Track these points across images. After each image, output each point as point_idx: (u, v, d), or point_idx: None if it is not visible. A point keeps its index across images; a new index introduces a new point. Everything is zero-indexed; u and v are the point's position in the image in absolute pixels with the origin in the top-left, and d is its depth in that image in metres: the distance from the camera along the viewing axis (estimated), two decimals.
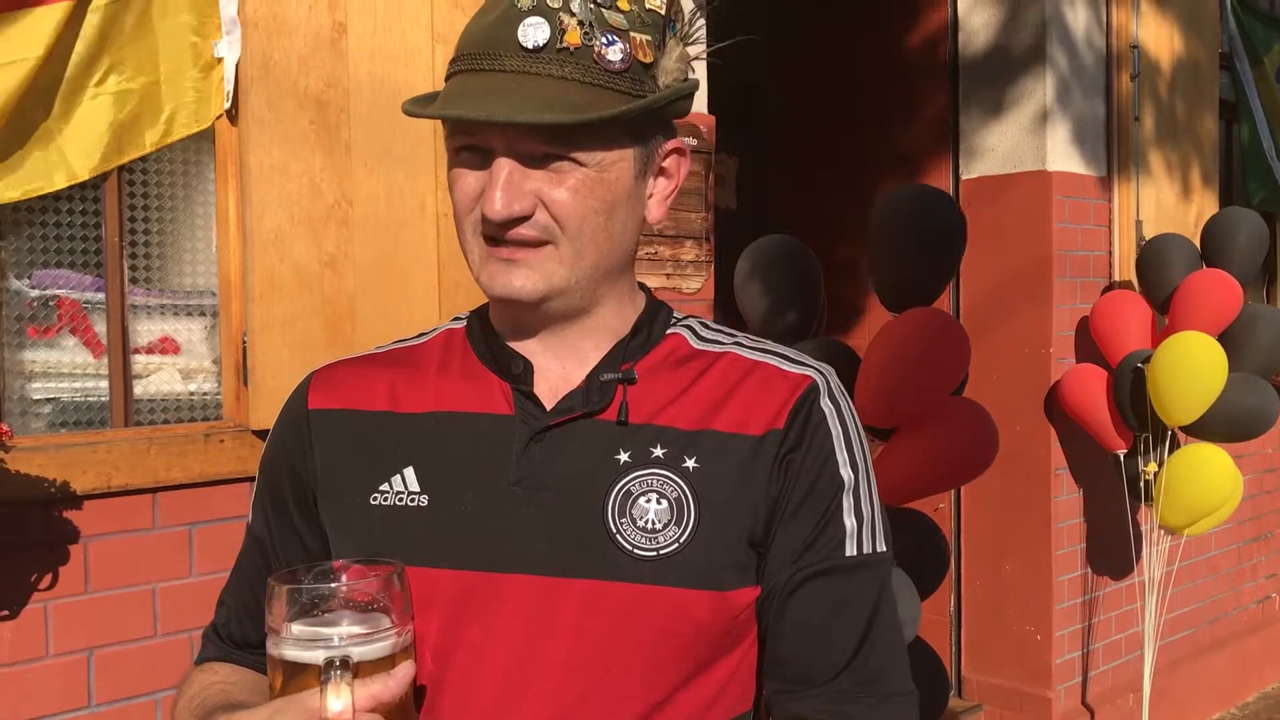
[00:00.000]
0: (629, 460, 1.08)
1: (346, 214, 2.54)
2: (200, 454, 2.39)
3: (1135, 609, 4.65)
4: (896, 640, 1.12)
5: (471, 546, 1.08)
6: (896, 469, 2.98)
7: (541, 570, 1.06)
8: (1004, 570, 4.42)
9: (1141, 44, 4.56)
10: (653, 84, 1.06)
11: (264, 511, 1.20)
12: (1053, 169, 4.24)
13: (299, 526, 1.18)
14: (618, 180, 1.06)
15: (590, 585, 1.05)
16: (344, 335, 2.53)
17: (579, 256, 1.06)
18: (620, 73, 1.03)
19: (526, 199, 1.03)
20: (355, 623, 0.99)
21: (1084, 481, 4.45)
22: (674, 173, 1.13)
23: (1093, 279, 4.45)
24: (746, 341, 1.17)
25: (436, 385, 1.16)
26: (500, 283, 1.07)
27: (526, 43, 1.01)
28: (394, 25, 2.61)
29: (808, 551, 1.08)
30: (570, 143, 1.03)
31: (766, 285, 3.05)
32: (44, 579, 2.22)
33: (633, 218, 1.10)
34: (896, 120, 4.68)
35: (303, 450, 1.17)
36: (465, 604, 1.07)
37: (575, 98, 1.01)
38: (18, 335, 2.33)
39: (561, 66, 1.01)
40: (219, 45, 2.41)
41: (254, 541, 1.21)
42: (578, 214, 1.05)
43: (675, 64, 1.08)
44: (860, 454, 1.12)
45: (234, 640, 1.22)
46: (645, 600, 1.04)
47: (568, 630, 1.04)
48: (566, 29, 1.01)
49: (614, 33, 1.03)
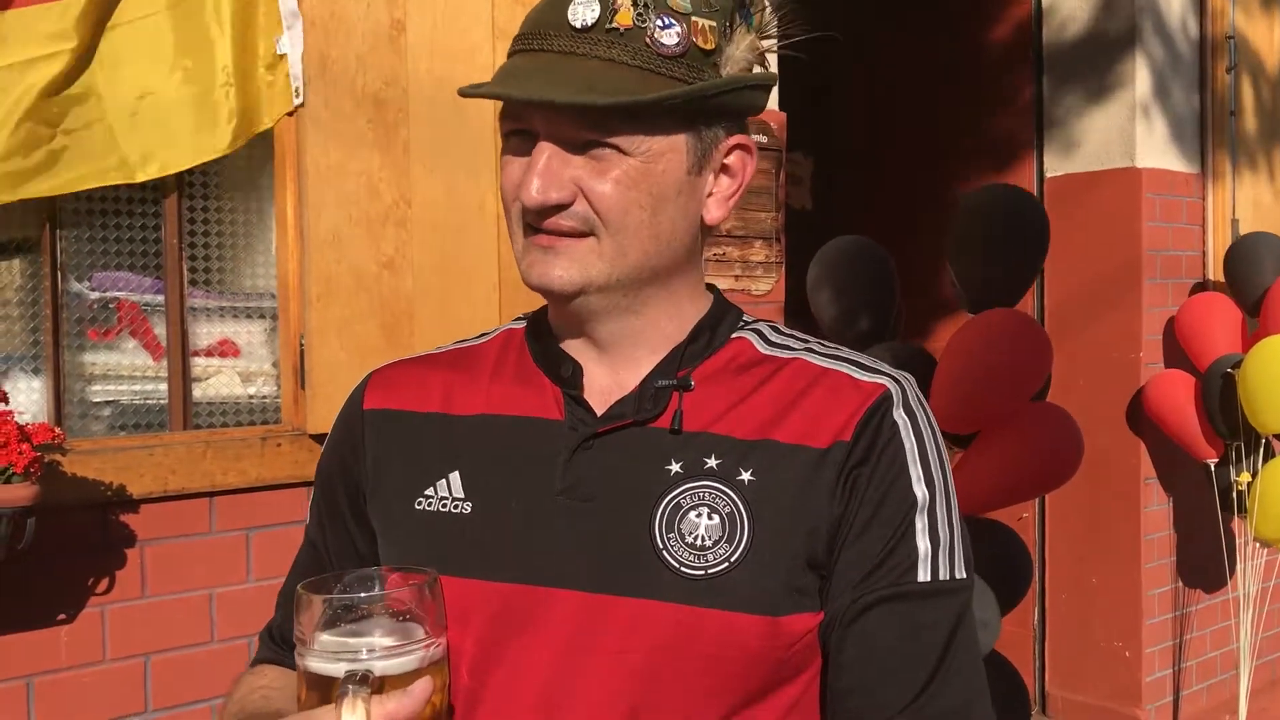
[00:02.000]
0: (680, 471, 1.01)
1: (405, 214, 2.50)
2: (257, 458, 2.36)
3: (1230, 626, 4.45)
4: (975, 679, 1.01)
5: (513, 558, 1.02)
6: (975, 477, 2.90)
7: (584, 586, 1.00)
8: (1090, 583, 4.26)
9: (1239, 34, 4.36)
10: (713, 72, 0.99)
11: (319, 514, 1.18)
12: (1143, 165, 4.08)
13: (352, 530, 1.14)
14: (666, 173, 0.99)
15: (633, 604, 0.98)
16: (402, 338, 2.49)
17: (621, 253, 1.00)
18: (674, 57, 0.96)
19: (565, 187, 0.98)
20: (385, 634, 0.95)
21: (1175, 492, 4.26)
22: (738, 171, 1.06)
23: (1185, 280, 4.27)
24: (819, 347, 1.09)
25: (489, 387, 1.11)
26: (537, 272, 1.01)
27: (575, 22, 0.96)
28: (454, 22, 2.56)
29: (874, 575, 0.98)
30: (612, 128, 0.96)
31: (839, 288, 2.97)
32: (100, 583, 2.21)
33: (685, 216, 1.03)
34: (978, 116, 4.54)
35: (356, 452, 1.14)
36: (503, 618, 1.01)
37: (621, 81, 0.95)
38: (78, 338, 2.33)
39: (609, 48, 0.96)
40: (281, 41, 2.38)
41: (309, 544, 1.19)
42: (620, 206, 0.98)
43: (743, 53, 1.01)
44: (939, 471, 1.03)
45: (287, 643, 1.17)
46: (691, 623, 0.97)
47: (609, 651, 0.98)
48: (619, 9, 0.96)
49: (672, 15, 0.97)
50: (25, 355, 2.26)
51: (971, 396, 2.77)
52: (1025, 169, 4.39)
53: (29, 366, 2.26)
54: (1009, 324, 2.80)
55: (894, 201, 4.88)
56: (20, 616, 2.12)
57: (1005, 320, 2.81)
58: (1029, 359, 2.79)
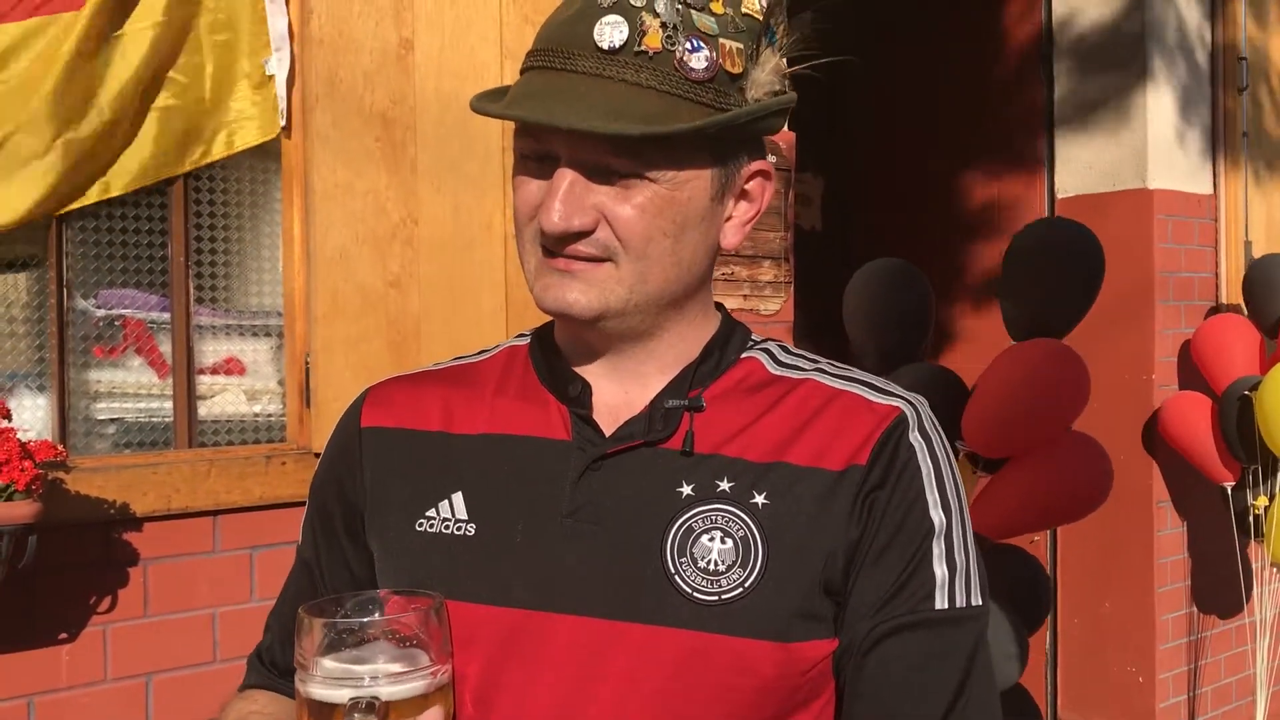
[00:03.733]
0: (692, 494, 0.98)
1: (412, 233, 2.49)
2: (261, 476, 2.35)
3: (1246, 651, 4.39)
4: (991, 708, 1.00)
5: (519, 582, 1.00)
6: (1002, 503, 2.92)
7: (592, 612, 0.97)
8: (1103, 608, 4.21)
9: (1250, 55, 4.35)
10: (740, 97, 0.96)
11: (313, 534, 1.15)
12: (1155, 186, 4.06)
13: (346, 550, 1.11)
14: (691, 200, 0.97)
15: (644, 630, 0.95)
16: (409, 356, 2.48)
17: (641, 280, 0.97)
18: (703, 83, 0.94)
19: (588, 214, 0.95)
20: (389, 660, 0.92)
21: (1189, 515, 4.22)
22: (757, 197, 1.04)
23: (1198, 302, 4.24)
24: (830, 368, 1.07)
25: (492, 405, 1.08)
26: (553, 295, 0.98)
27: (602, 43, 0.93)
28: (462, 42, 2.56)
29: (891, 602, 0.96)
30: (639, 155, 0.94)
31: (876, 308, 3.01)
32: (103, 602, 2.20)
33: (705, 241, 1.01)
34: (988, 137, 4.53)
35: (353, 470, 1.11)
36: (509, 644, 0.99)
37: (649, 107, 0.92)
38: (84, 355, 2.32)
39: (637, 72, 0.93)
40: (269, 63, 2.38)
41: (302, 565, 1.16)
42: (643, 234, 0.96)
43: (768, 76, 0.98)
44: (954, 496, 1.01)
45: (277, 667, 1.16)
46: (703, 649, 0.94)
47: (618, 678, 0.95)
48: (647, 31, 0.93)
49: (701, 38, 0.94)
50: (30, 372, 2.25)
51: (1009, 424, 2.81)
52: (1036, 190, 4.38)
53: (34, 383, 2.25)
54: (1050, 355, 2.84)
55: (904, 222, 4.86)
56: (22, 635, 2.11)
57: (1047, 351, 2.85)
58: (1069, 390, 2.83)
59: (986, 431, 2.84)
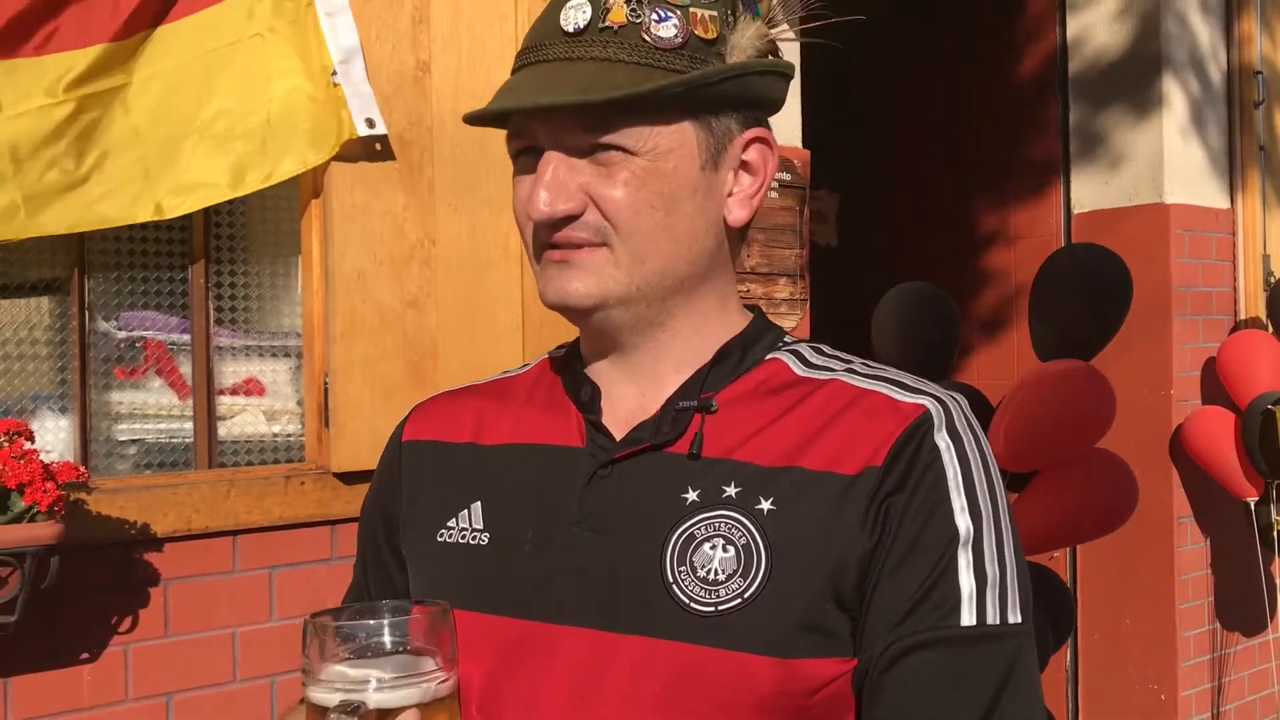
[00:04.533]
0: (697, 500, 0.95)
1: (429, 253, 2.51)
2: (280, 497, 2.36)
3: (1269, 669, 4.35)
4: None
5: (524, 592, 0.99)
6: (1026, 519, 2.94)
7: (591, 623, 0.95)
8: (1124, 624, 4.18)
9: (1268, 69, 4.33)
10: (718, 61, 0.95)
11: (362, 550, 1.17)
12: (1171, 201, 4.04)
13: (389, 565, 1.13)
14: (677, 170, 0.95)
15: (640, 643, 0.93)
16: (426, 376, 2.49)
17: (637, 259, 0.95)
18: (673, 50, 0.93)
19: (574, 197, 0.94)
20: (393, 666, 0.92)
21: (1211, 531, 4.19)
22: (759, 167, 1.00)
23: (1216, 316, 4.22)
24: (861, 368, 1.01)
25: (517, 416, 1.08)
26: (553, 288, 0.98)
27: (568, 26, 0.94)
28: (478, 64, 2.58)
29: (910, 617, 0.89)
30: (614, 126, 0.93)
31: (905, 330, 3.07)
32: (123, 622, 2.21)
33: (703, 216, 0.98)
34: (1004, 152, 4.52)
35: (393, 485, 1.12)
36: (512, 655, 0.98)
37: (617, 78, 0.92)
38: (105, 376, 2.34)
39: (604, 47, 0.93)
40: (335, 75, 2.35)
41: (355, 581, 1.18)
42: (630, 209, 0.94)
43: (750, 41, 0.97)
44: (986, 501, 0.93)
45: None
46: (698, 663, 0.90)
47: (616, 692, 0.93)
48: (610, 7, 0.93)
49: (668, 7, 0.94)
50: (53, 394, 2.27)
51: (1034, 442, 2.85)
52: (1053, 204, 4.37)
53: (56, 405, 2.27)
54: (1077, 375, 2.88)
55: (920, 238, 4.86)
56: (44, 655, 2.12)
57: (1073, 371, 2.89)
58: (1095, 411, 2.87)
59: (1011, 447, 2.85)
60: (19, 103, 2.09)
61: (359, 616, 0.96)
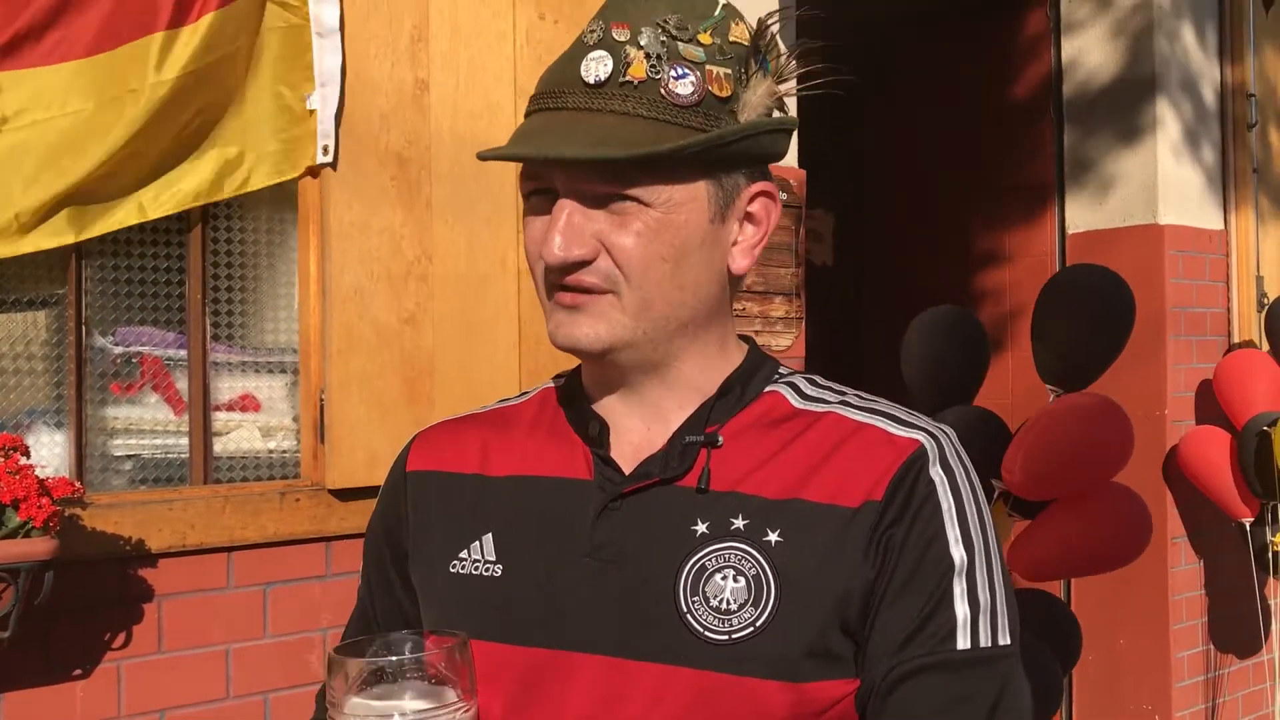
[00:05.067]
0: (706, 532, 0.98)
1: (426, 270, 2.51)
2: (275, 513, 2.36)
3: (1265, 690, 4.35)
4: None
5: (540, 622, 1.01)
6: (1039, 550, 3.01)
7: (608, 651, 0.98)
8: (1118, 645, 4.18)
9: (1261, 91, 4.36)
10: (731, 119, 0.98)
11: (368, 578, 1.18)
12: (1165, 222, 4.06)
13: (397, 592, 1.14)
14: (688, 223, 0.98)
15: (656, 670, 0.96)
16: (423, 392, 2.49)
17: (645, 307, 0.98)
18: (690, 107, 0.95)
19: (587, 243, 0.97)
20: (417, 696, 0.95)
21: (1205, 551, 4.19)
22: (763, 219, 1.04)
23: (1210, 337, 4.23)
24: (855, 400, 1.05)
25: (522, 448, 1.10)
26: (563, 332, 1.00)
27: (588, 77, 0.96)
28: (477, 82, 2.60)
29: (911, 643, 0.95)
30: (631, 180, 0.96)
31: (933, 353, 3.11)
32: (117, 638, 2.20)
33: (709, 267, 1.01)
34: (999, 173, 4.55)
35: (399, 514, 1.14)
36: (531, 684, 1.00)
37: (636, 133, 0.94)
38: (101, 392, 2.34)
39: (624, 101, 0.95)
40: (311, 98, 2.39)
41: (360, 608, 1.19)
42: (642, 260, 0.97)
43: (761, 99, 0.99)
44: (978, 531, 0.98)
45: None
46: (714, 690, 0.94)
47: (634, 717, 0.96)
48: (631, 62, 0.95)
49: (686, 65, 0.96)
50: (48, 409, 2.27)
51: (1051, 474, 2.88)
52: (1047, 225, 4.39)
53: (52, 420, 2.27)
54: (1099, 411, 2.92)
55: (915, 258, 4.87)
56: (37, 671, 2.11)
57: (1095, 406, 2.92)
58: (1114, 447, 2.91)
59: (1028, 476, 2.89)
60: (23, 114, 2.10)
61: (382, 649, 0.99)
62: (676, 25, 0.96)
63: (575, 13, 2.68)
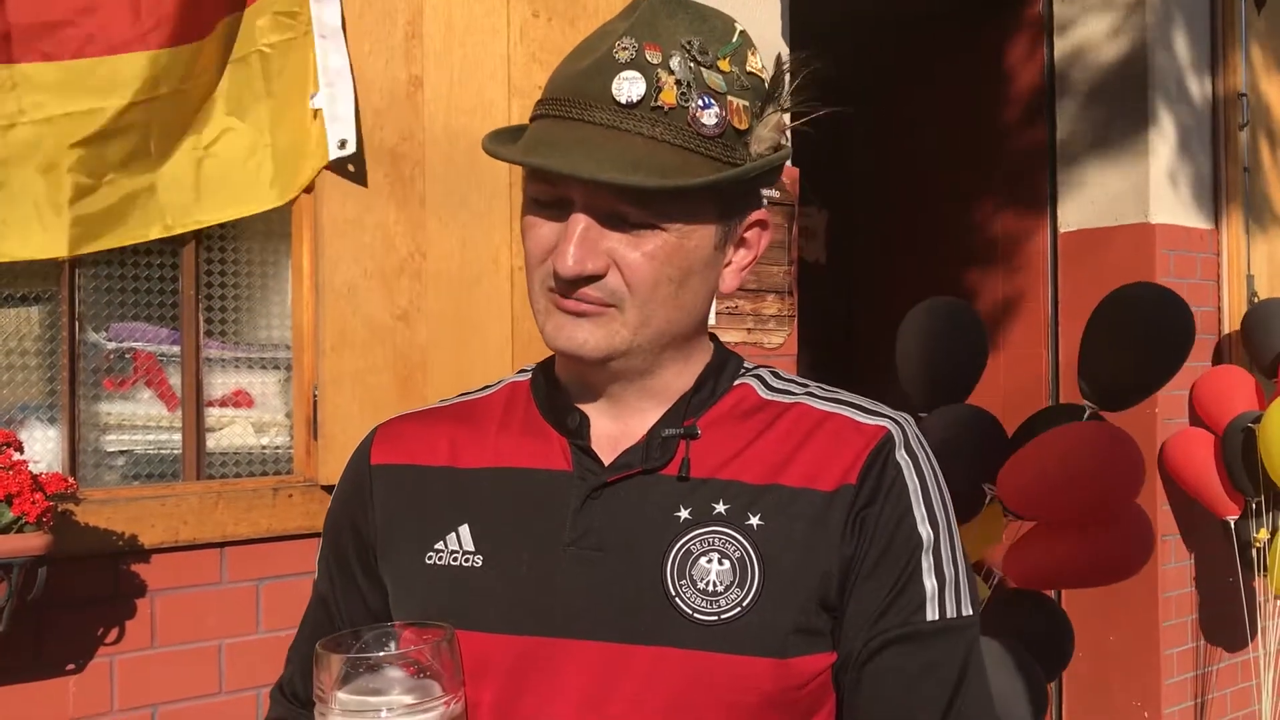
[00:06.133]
0: (689, 518, 1.02)
1: (420, 267, 2.52)
2: (268, 509, 2.37)
3: (1251, 686, 4.38)
4: (987, 713, 1.04)
5: (526, 610, 1.03)
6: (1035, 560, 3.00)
7: (598, 636, 1.01)
8: (1109, 641, 4.20)
9: (1252, 92, 4.38)
10: (745, 151, 1.01)
11: (328, 568, 1.18)
12: (1157, 221, 4.08)
13: (362, 585, 1.15)
14: (697, 249, 1.02)
15: (649, 652, 0.99)
16: (416, 389, 2.50)
17: (644, 323, 1.02)
18: (713, 138, 0.98)
19: (600, 258, 0.99)
20: (404, 691, 0.96)
21: (1194, 549, 4.22)
22: (754, 244, 1.09)
23: (1201, 336, 4.23)
24: (819, 391, 1.11)
25: (496, 440, 1.12)
26: (565, 336, 1.02)
27: (620, 97, 0.97)
28: (471, 79, 2.60)
29: (884, 616, 1.01)
30: (652, 206, 0.98)
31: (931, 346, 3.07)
32: (110, 633, 2.21)
33: (705, 286, 1.05)
34: (992, 171, 4.56)
35: (365, 508, 1.14)
36: (520, 671, 1.02)
37: (664, 160, 0.96)
38: (94, 387, 2.34)
39: (653, 126, 0.97)
40: (315, 98, 2.37)
41: (319, 600, 1.19)
42: (650, 280, 1.00)
43: (770, 132, 1.03)
44: (941, 510, 1.05)
45: (299, 698, 1.20)
46: (705, 668, 0.98)
47: (626, 700, 0.99)
48: (663, 87, 0.97)
49: (711, 95, 0.99)
50: (41, 405, 2.28)
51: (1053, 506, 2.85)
52: (1039, 224, 4.40)
53: (45, 416, 2.27)
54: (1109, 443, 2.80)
55: (908, 255, 4.88)
56: (30, 666, 2.12)
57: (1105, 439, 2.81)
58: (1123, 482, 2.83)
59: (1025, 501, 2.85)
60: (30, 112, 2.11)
61: (368, 644, 1.00)
62: (699, 50, 0.99)
63: (569, 10, 2.68)
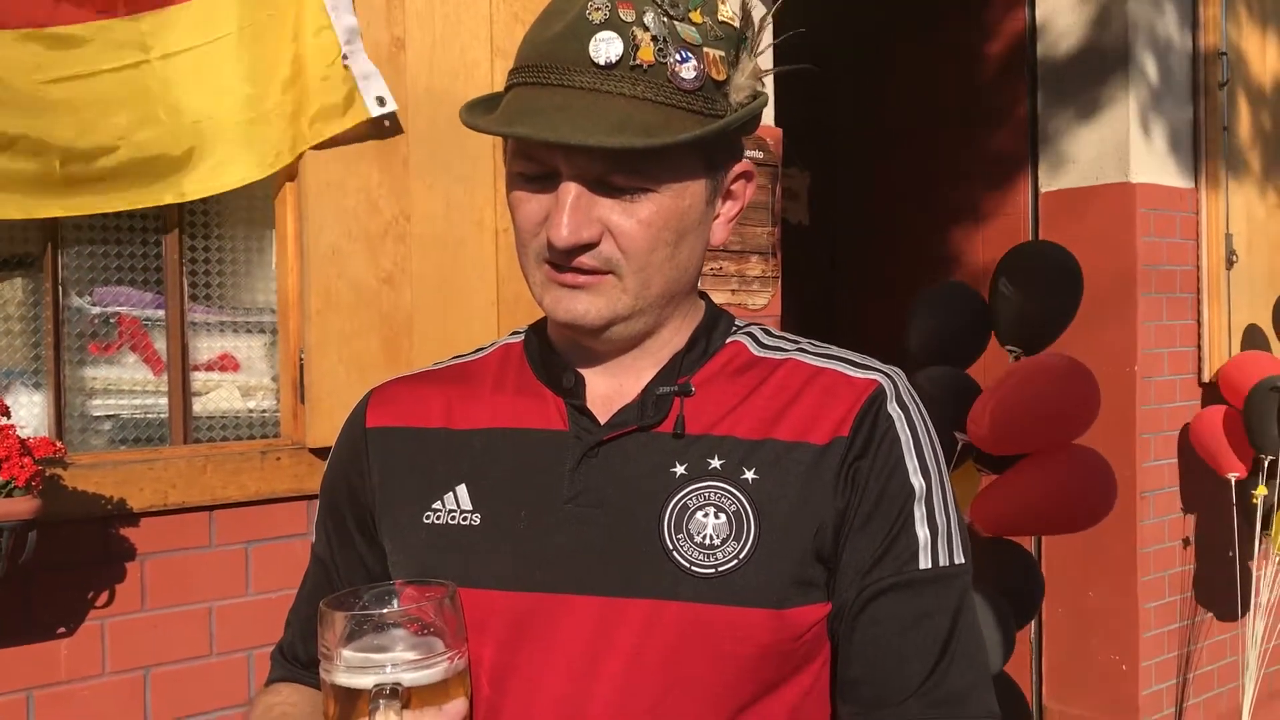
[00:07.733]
0: (685, 473, 1.03)
1: (404, 230, 2.52)
2: (256, 472, 2.37)
3: (1228, 639, 4.45)
4: (978, 660, 1.05)
5: (525, 567, 1.05)
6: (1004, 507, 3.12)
7: (597, 590, 1.02)
8: (1088, 596, 4.26)
9: (1232, 50, 4.39)
10: (725, 102, 1.00)
11: (326, 532, 1.19)
12: (1137, 180, 4.10)
13: (360, 547, 1.16)
14: (690, 208, 1.02)
15: (647, 605, 1.01)
16: (401, 352, 2.50)
17: (645, 286, 1.02)
18: (693, 92, 0.98)
19: (593, 226, 0.99)
20: (408, 648, 0.97)
21: (1175, 505, 4.28)
22: (740, 195, 1.09)
23: (1180, 294, 4.28)
24: (810, 348, 1.12)
25: (491, 401, 1.13)
26: (565, 307, 1.03)
27: (598, 59, 0.96)
28: (453, 40, 2.59)
29: (878, 565, 1.02)
30: (640, 168, 0.98)
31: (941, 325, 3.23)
32: (100, 596, 2.22)
33: (700, 243, 1.06)
34: (973, 132, 4.57)
35: (360, 469, 1.15)
36: (520, 626, 1.04)
37: (648, 119, 0.96)
38: (79, 352, 2.34)
39: (634, 85, 0.96)
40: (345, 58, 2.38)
41: (317, 562, 1.21)
42: (647, 244, 1.00)
43: (747, 80, 1.02)
44: (933, 460, 1.06)
45: (299, 660, 1.21)
46: (704, 620, 1.00)
47: (625, 652, 1.01)
48: (640, 45, 0.96)
49: (687, 49, 0.98)
50: (26, 370, 2.27)
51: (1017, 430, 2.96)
52: (1020, 184, 4.42)
53: (30, 381, 2.27)
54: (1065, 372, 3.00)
55: (890, 216, 4.90)
56: (20, 629, 2.13)
57: (1062, 368, 3.01)
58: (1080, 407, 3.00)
59: (995, 431, 2.96)
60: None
61: (370, 602, 1.02)
62: (670, 3, 0.98)
63: None
